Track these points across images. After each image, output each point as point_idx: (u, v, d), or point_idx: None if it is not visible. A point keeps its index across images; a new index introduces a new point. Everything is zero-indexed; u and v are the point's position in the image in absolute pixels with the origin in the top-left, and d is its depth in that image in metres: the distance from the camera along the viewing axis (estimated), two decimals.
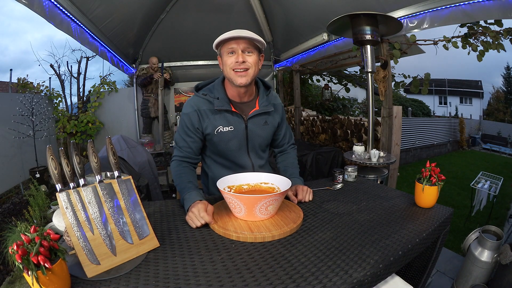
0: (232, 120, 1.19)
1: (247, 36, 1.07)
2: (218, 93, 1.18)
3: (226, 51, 1.10)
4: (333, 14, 2.23)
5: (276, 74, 4.89)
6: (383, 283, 0.91)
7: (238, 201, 0.96)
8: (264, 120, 1.25)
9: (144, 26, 3.71)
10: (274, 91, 1.33)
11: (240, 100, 1.21)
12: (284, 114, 1.37)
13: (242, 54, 1.09)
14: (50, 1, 2.01)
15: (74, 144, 0.82)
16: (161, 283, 0.70)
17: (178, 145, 1.24)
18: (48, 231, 0.65)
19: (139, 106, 4.44)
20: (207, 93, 1.19)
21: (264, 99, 1.24)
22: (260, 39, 1.10)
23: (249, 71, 1.11)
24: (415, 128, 7.85)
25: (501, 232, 1.48)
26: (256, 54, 1.13)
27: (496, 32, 2.10)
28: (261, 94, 1.25)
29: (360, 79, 4.93)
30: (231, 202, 0.99)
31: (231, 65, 1.10)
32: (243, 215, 0.99)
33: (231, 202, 0.99)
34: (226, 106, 1.16)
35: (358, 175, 1.52)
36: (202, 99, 1.19)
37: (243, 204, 0.95)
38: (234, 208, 1.00)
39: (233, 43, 1.09)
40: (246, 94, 1.20)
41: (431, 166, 1.13)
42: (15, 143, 3.23)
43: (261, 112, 1.22)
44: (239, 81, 1.11)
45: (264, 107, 1.22)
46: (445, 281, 1.91)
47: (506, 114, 16.51)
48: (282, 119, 1.35)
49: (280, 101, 1.34)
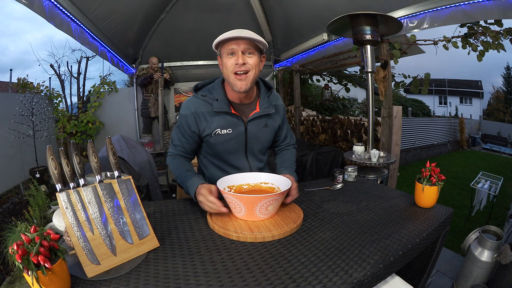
0: (231, 122, 1.16)
1: (248, 37, 1.03)
2: (218, 95, 1.15)
3: (226, 52, 1.07)
4: (333, 14, 2.23)
5: (276, 74, 4.89)
6: (383, 283, 0.91)
7: (238, 201, 0.96)
8: (264, 123, 1.22)
9: (144, 26, 3.70)
10: (275, 92, 1.30)
11: (240, 101, 1.18)
12: (285, 115, 1.34)
13: (242, 55, 1.06)
14: (50, 1, 2.01)
15: (74, 144, 0.82)
16: (161, 283, 0.70)
17: (173, 143, 1.24)
18: (48, 231, 0.65)
19: (139, 106, 4.44)
20: (206, 94, 1.16)
21: (265, 100, 1.21)
22: (261, 40, 1.07)
23: (249, 74, 1.08)
24: (415, 128, 7.85)
25: (501, 232, 1.48)
26: (257, 56, 1.09)
27: (496, 32, 2.10)
28: (262, 95, 1.22)
29: (360, 79, 4.93)
30: (231, 202, 0.99)
31: (231, 67, 1.07)
32: (243, 215, 0.99)
33: (231, 202, 0.98)
34: (225, 108, 1.13)
35: (358, 175, 1.52)
36: (200, 100, 1.16)
37: (243, 204, 0.95)
38: (234, 208, 1.00)
39: (233, 43, 1.05)
40: (247, 96, 1.18)
41: (431, 166, 1.13)
42: (15, 143, 3.23)
43: (261, 114, 1.19)
44: (238, 87, 1.08)
45: (264, 109, 1.19)
46: (445, 281, 1.91)
47: (506, 114, 16.51)
48: (283, 121, 1.32)
49: (282, 102, 1.31)
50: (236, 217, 1.01)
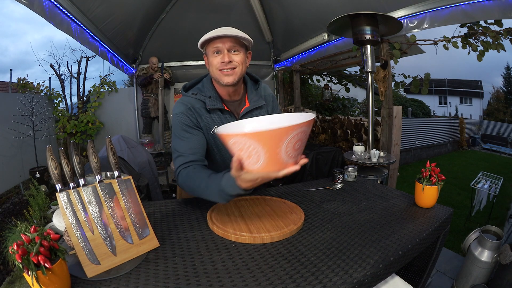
0: (225, 119, 1.14)
1: (233, 34, 1.02)
2: (209, 92, 1.14)
3: (212, 51, 1.06)
4: (333, 14, 2.23)
5: (276, 74, 4.89)
6: (383, 283, 0.91)
7: (255, 143, 0.67)
8: (257, 115, 1.18)
9: (144, 26, 3.71)
10: (263, 84, 1.27)
11: (230, 98, 1.17)
12: (276, 103, 1.29)
13: (228, 53, 1.05)
14: (50, 1, 2.01)
15: (74, 144, 0.82)
16: (161, 283, 0.70)
17: (178, 151, 1.08)
18: (48, 231, 0.65)
19: (139, 106, 4.44)
20: (198, 92, 1.14)
21: (253, 94, 1.20)
22: (246, 37, 1.05)
23: (236, 70, 1.07)
24: (415, 128, 7.85)
25: (501, 232, 1.48)
26: (243, 52, 1.08)
27: (496, 32, 2.10)
28: (249, 90, 1.20)
29: (360, 79, 4.93)
30: (243, 148, 0.70)
31: (217, 65, 1.06)
32: (261, 165, 0.71)
33: (244, 148, 0.70)
34: (218, 105, 1.12)
35: (358, 175, 1.52)
36: (193, 98, 1.13)
37: (262, 147, 0.67)
38: (249, 157, 0.71)
39: (218, 42, 1.04)
40: (235, 92, 1.17)
41: (431, 166, 1.13)
42: (15, 143, 3.23)
43: (252, 108, 1.18)
44: (225, 80, 1.07)
45: (254, 102, 1.18)
46: (445, 281, 1.91)
47: (506, 114, 16.50)
48: (274, 109, 1.27)
49: (271, 91, 1.29)
50: (236, 216, 1.00)
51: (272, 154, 0.68)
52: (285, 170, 0.72)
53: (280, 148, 0.67)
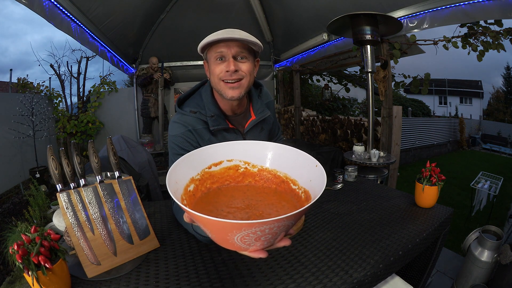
0: (230, 138, 0.99)
1: (240, 38, 0.84)
2: (211, 109, 0.96)
3: (214, 56, 0.89)
4: (333, 14, 2.23)
5: (276, 74, 4.89)
6: (383, 283, 0.91)
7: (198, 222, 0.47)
8: (260, 127, 1.08)
9: (144, 26, 3.71)
10: (264, 88, 1.13)
11: (233, 112, 1.02)
12: (274, 108, 1.20)
13: (233, 61, 0.87)
14: (50, 1, 2.01)
15: (74, 144, 0.82)
16: (162, 284, 0.70)
17: None
18: (48, 231, 0.65)
19: (139, 106, 4.44)
20: (198, 111, 0.97)
21: (258, 103, 1.05)
22: (256, 41, 0.87)
23: (242, 82, 0.90)
24: (415, 128, 7.85)
25: (501, 232, 1.48)
26: (251, 60, 0.91)
27: (496, 32, 2.10)
28: (254, 99, 1.06)
29: (360, 79, 4.93)
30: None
31: (220, 74, 0.89)
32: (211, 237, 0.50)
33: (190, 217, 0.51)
34: (223, 124, 0.97)
35: (358, 175, 1.53)
36: (192, 118, 0.96)
37: (209, 232, 0.47)
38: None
39: (223, 46, 0.87)
40: (239, 105, 1.01)
41: (431, 166, 1.13)
42: (15, 143, 3.23)
43: (258, 121, 1.04)
44: (230, 95, 0.90)
45: (260, 114, 1.05)
46: (445, 281, 1.91)
47: (506, 114, 16.50)
48: (273, 115, 1.18)
49: (271, 97, 1.16)
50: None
51: (218, 239, 0.48)
52: (243, 252, 0.50)
53: (229, 237, 0.45)
